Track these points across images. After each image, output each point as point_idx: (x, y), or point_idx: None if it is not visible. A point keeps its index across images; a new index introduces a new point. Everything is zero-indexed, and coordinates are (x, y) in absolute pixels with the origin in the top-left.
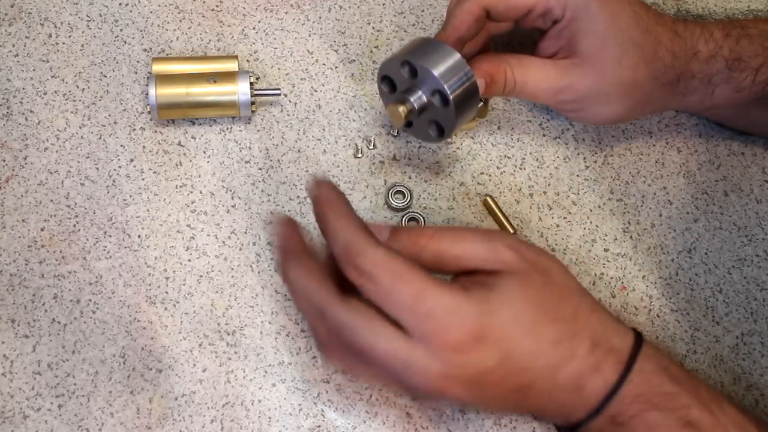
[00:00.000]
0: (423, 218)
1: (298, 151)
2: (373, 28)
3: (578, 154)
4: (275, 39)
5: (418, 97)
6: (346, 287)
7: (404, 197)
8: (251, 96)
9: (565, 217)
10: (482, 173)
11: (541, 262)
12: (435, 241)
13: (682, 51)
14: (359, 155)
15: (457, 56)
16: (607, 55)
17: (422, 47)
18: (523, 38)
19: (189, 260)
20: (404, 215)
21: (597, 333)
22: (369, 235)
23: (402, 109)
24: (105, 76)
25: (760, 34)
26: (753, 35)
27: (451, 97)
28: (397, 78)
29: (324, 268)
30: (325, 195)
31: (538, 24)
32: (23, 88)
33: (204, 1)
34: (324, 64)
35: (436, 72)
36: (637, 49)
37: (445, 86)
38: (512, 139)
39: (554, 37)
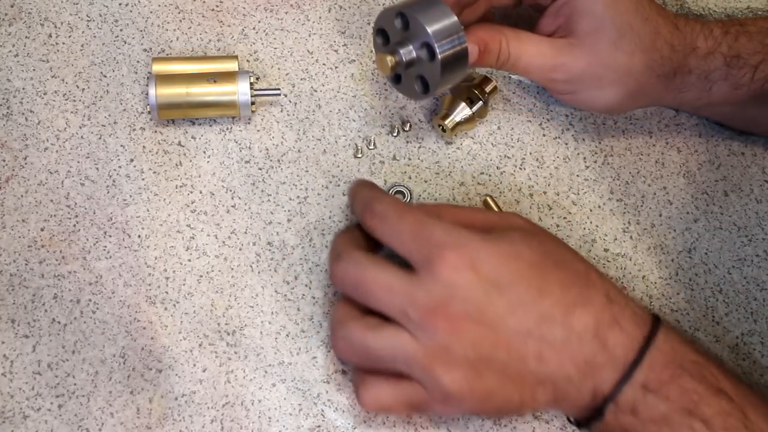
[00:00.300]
0: (409, 192)
1: (298, 151)
2: (373, 27)
3: (578, 154)
4: (275, 39)
5: (408, 51)
6: None
7: (404, 197)
8: (251, 96)
9: (565, 217)
10: (482, 173)
11: (550, 234)
12: (446, 209)
13: (681, 45)
14: (359, 155)
15: (452, 15)
16: (604, 37)
17: (420, 2)
18: (523, 21)
19: (189, 260)
20: (390, 189)
21: (612, 291)
22: (384, 192)
23: (390, 58)
24: (105, 76)
25: (759, 32)
26: (752, 32)
27: (438, 52)
28: (390, 30)
29: (362, 236)
30: (360, 183)
31: None
32: (23, 88)
33: (204, 1)
34: (324, 64)
35: (428, 25)
36: (634, 35)
37: (434, 40)
38: (512, 139)
39: (553, 14)
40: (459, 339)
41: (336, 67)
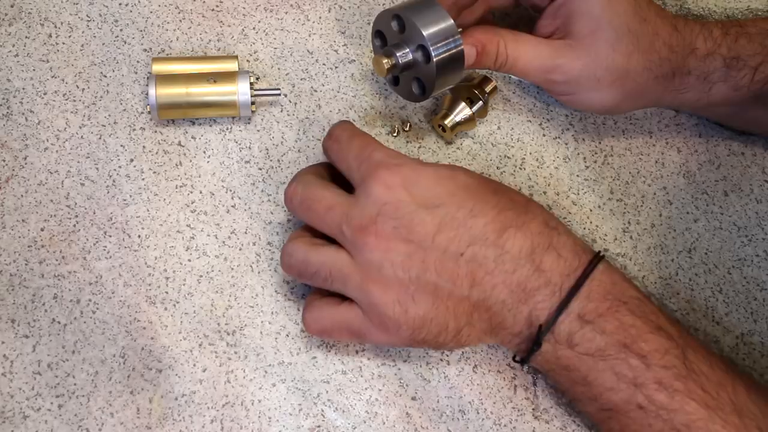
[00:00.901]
0: None
1: (298, 151)
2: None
3: (578, 154)
4: (275, 39)
5: (404, 53)
6: None
7: None
8: (251, 96)
9: (565, 217)
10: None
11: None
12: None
13: (680, 46)
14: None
15: (448, 18)
16: (601, 38)
17: (416, 4)
18: (523, 22)
19: (189, 260)
20: None
21: (552, 221)
22: (349, 126)
23: (386, 61)
24: (105, 76)
25: (759, 33)
26: (752, 34)
27: (433, 55)
28: (387, 32)
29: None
30: (345, 128)
31: (536, 1)
32: (23, 88)
33: (204, 1)
34: (324, 64)
35: (423, 28)
36: (632, 36)
37: (429, 43)
38: (512, 139)
39: (551, 15)
40: (388, 257)
41: (336, 67)
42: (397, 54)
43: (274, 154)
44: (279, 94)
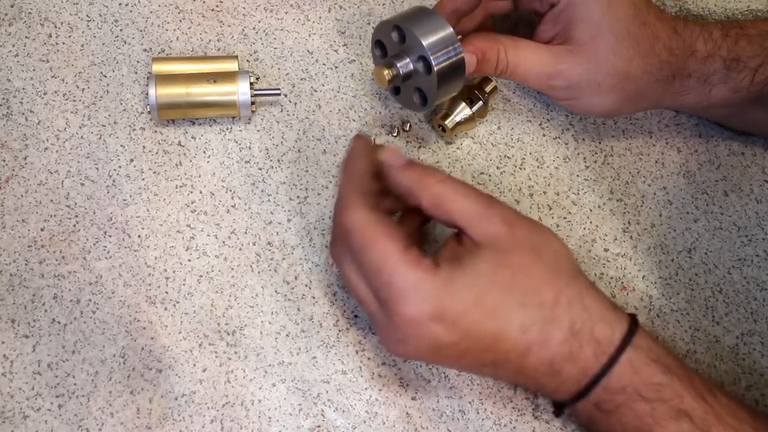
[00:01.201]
0: None
1: (298, 151)
2: (373, 28)
3: (578, 154)
4: (275, 39)
5: (405, 63)
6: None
7: None
8: (251, 96)
9: (565, 217)
10: (482, 173)
11: (534, 240)
12: (440, 187)
13: (680, 48)
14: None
15: (447, 27)
16: (602, 43)
17: (416, 14)
18: (523, 23)
19: (189, 260)
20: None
21: (578, 322)
22: (360, 195)
23: (387, 72)
24: (105, 76)
25: (759, 35)
26: (752, 35)
27: (434, 64)
28: (388, 42)
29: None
30: (356, 150)
31: (536, 6)
32: (23, 88)
33: (204, 1)
34: (324, 64)
35: (423, 38)
36: (632, 41)
37: (430, 53)
38: (512, 139)
39: (551, 21)
40: (415, 354)
41: (336, 67)
42: (398, 64)
43: (274, 154)
44: (279, 94)
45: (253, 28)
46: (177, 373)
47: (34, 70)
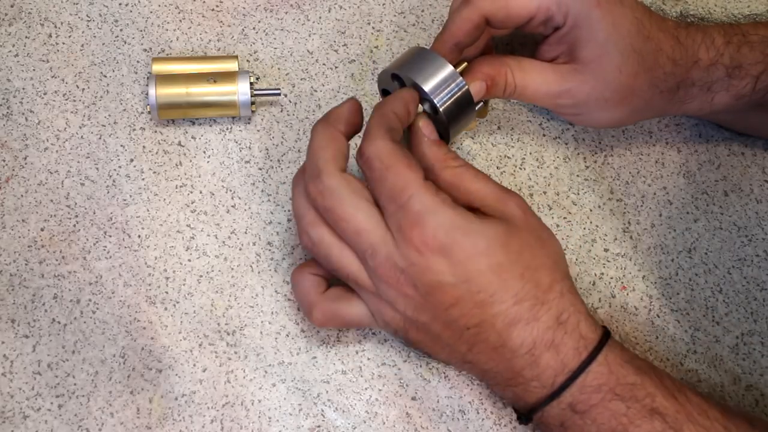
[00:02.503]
0: None
1: (298, 151)
2: (373, 28)
3: (578, 154)
4: (275, 39)
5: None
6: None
7: None
8: (251, 96)
9: (565, 217)
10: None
11: (540, 232)
12: (461, 169)
13: (683, 59)
14: None
15: (446, 65)
16: (608, 62)
17: (412, 59)
18: (524, 39)
19: (189, 260)
20: None
21: (566, 313)
22: (388, 129)
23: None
24: (105, 76)
25: (761, 41)
26: (754, 42)
27: (438, 106)
28: (392, 90)
29: (346, 147)
30: (398, 96)
31: (539, 30)
32: (23, 88)
33: (204, 1)
34: (324, 64)
35: (423, 83)
36: (637, 56)
37: (432, 96)
38: (512, 139)
39: (555, 42)
40: (402, 300)
41: (336, 67)
42: None
43: (274, 154)
44: (279, 94)
45: (253, 28)
46: (177, 373)
47: (34, 70)
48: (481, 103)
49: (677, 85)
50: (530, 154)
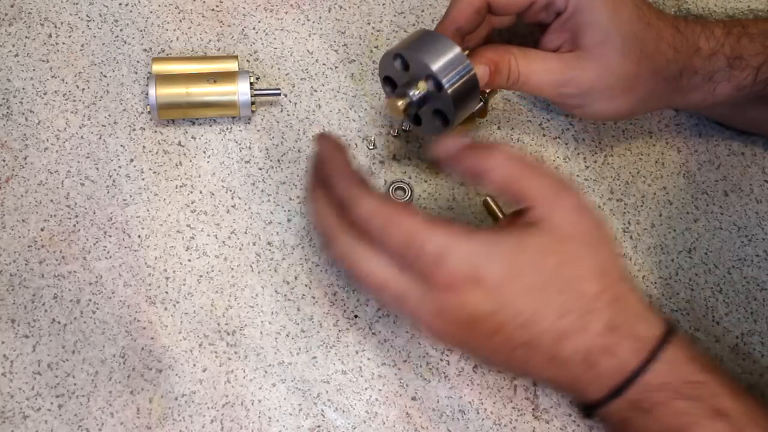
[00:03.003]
0: (410, 188)
1: (298, 151)
2: (373, 28)
3: (578, 154)
4: (275, 39)
5: (416, 89)
6: None
7: (405, 193)
8: (251, 96)
9: None
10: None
11: (595, 235)
12: (511, 166)
13: (684, 47)
14: (371, 147)
15: (453, 46)
16: (611, 47)
17: (415, 40)
18: (524, 34)
19: (189, 260)
20: (391, 185)
21: (617, 319)
22: (361, 184)
23: (400, 102)
24: (105, 76)
25: (761, 34)
26: (754, 34)
27: (446, 86)
28: (394, 74)
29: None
30: (327, 151)
31: (541, 17)
32: (23, 88)
33: (204, 1)
34: (324, 64)
35: (430, 62)
36: (639, 42)
37: (440, 76)
38: (512, 139)
39: (557, 30)
40: (448, 338)
41: (336, 67)
42: (409, 92)
43: (274, 154)
44: (279, 94)
45: (253, 28)
46: (177, 373)
47: (34, 70)
48: (481, 102)
49: (680, 72)
50: (530, 154)
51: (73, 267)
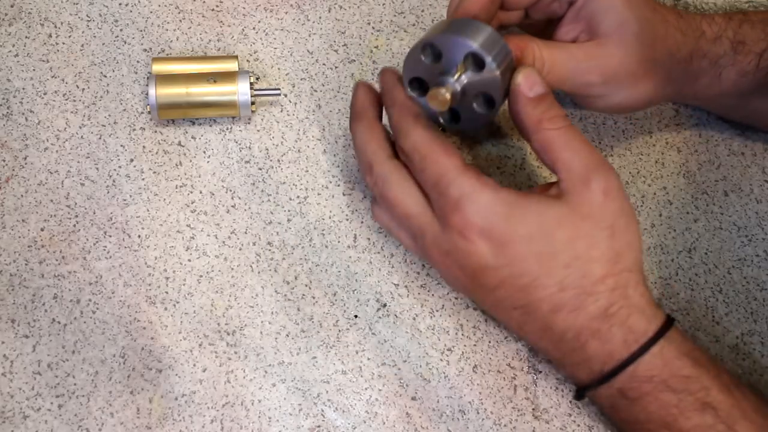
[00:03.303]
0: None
1: (298, 151)
2: (373, 28)
3: None
4: (275, 39)
5: (456, 74)
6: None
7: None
8: (251, 96)
9: None
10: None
11: (619, 220)
12: (553, 134)
13: (689, 30)
14: None
15: (478, 23)
16: (628, 31)
17: (442, 28)
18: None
19: (189, 260)
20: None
21: (615, 306)
22: (415, 117)
23: (443, 90)
24: (105, 76)
25: (762, 21)
26: (755, 21)
27: (486, 57)
28: (423, 72)
29: (384, 132)
30: (389, 82)
31: (554, 8)
32: (23, 88)
33: (204, 1)
34: (324, 64)
35: (461, 38)
36: (650, 25)
37: (474, 46)
38: (512, 139)
39: (572, 20)
40: (454, 280)
41: (336, 67)
42: (450, 80)
43: (274, 154)
44: (279, 94)
45: (253, 28)
46: (177, 373)
47: (34, 70)
48: None
49: (690, 55)
50: (530, 154)
51: (73, 267)
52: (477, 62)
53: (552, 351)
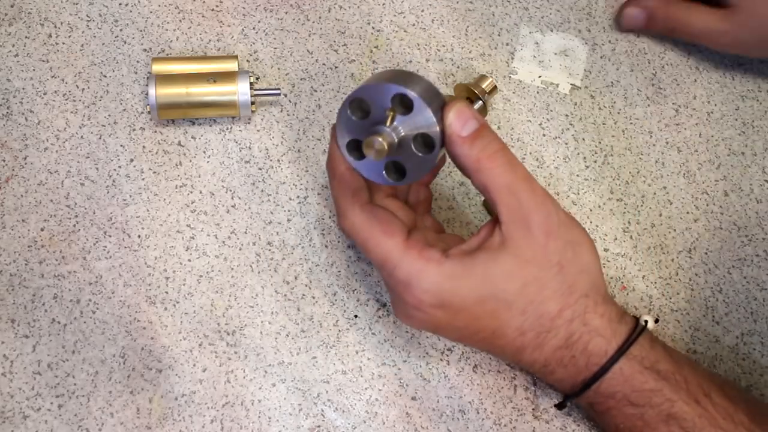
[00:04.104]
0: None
1: (298, 151)
2: (373, 28)
3: (578, 154)
4: (275, 39)
5: (388, 120)
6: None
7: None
8: (251, 96)
9: None
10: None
11: (565, 254)
12: (493, 173)
13: None
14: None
15: (396, 68)
16: (760, 3)
17: (362, 85)
18: None
19: (189, 260)
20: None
21: (575, 335)
22: (354, 194)
23: (380, 138)
24: (105, 76)
25: None
26: None
27: (407, 91)
28: (357, 131)
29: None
30: (330, 149)
31: None
32: (23, 88)
33: (204, 1)
34: (324, 64)
35: (382, 82)
36: None
37: (395, 86)
38: (512, 139)
39: None
40: (420, 324)
41: (336, 67)
42: (382, 128)
43: (274, 154)
44: (279, 94)
45: (253, 28)
46: (177, 373)
47: (34, 70)
48: (480, 102)
49: None
50: (530, 153)
51: (73, 267)
52: (405, 103)
53: (527, 372)
